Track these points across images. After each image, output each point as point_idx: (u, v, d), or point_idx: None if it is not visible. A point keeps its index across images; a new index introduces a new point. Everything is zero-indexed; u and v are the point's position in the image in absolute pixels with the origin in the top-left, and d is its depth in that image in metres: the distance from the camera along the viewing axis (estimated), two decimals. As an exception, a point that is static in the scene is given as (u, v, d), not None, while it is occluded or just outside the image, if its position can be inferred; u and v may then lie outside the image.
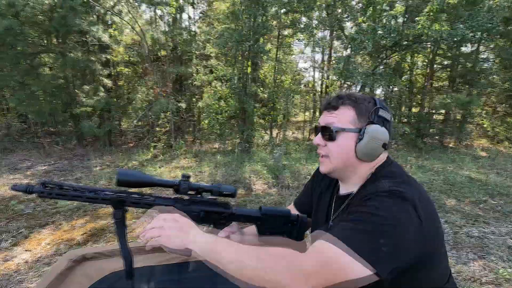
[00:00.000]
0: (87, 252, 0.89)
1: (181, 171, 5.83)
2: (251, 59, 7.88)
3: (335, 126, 0.79)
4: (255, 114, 8.43)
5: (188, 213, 0.85)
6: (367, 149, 0.76)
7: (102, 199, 0.78)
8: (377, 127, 0.76)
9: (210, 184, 0.86)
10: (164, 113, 8.35)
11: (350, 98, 0.80)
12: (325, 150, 0.82)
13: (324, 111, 0.84)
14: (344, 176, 0.84)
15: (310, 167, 6.00)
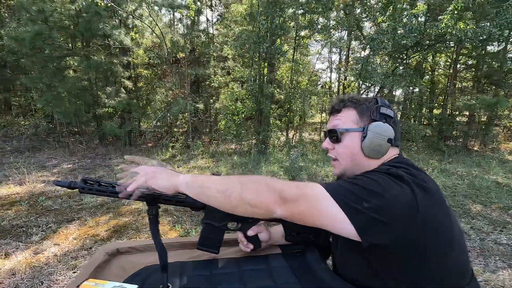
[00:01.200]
0: (121, 246, 0.93)
1: (199, 171, 5.92)
2: (268, 60, 7.89)
3: (340, 128, 0.83)
4: (272, 115, 8.44)
5: (217, 211, 0.87)
6: (372, 145, 0.78)
7: (137, 195, 0.81)
8: (379, 123, 0.79)
9: None
10: (182, 114, 8.51)
11: (351, 100, 0.85)
12: (334, 153, 0.86)
13: (330, 116, 0.89)
14: (351, 175, 0.83)
15: (328, 169, 5.93)
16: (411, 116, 10.06)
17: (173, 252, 0.91)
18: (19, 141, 8.24)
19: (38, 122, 9.41)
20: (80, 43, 8.17)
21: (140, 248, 0.94)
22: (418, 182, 0.67)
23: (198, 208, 0.87)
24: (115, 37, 7.66)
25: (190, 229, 3.08)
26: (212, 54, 8.92)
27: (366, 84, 8.64)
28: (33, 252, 2.59)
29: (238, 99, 8.56)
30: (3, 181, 4.71)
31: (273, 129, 8.64)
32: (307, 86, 9.13)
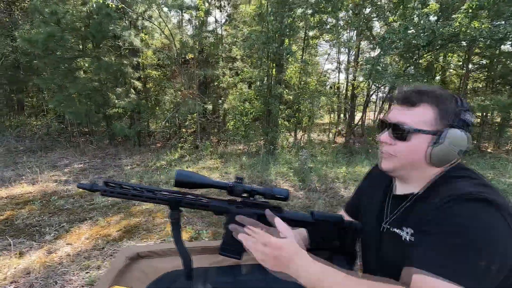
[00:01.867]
0: (141, 250, 0.91)
1: (208, 171, 5.92)
2: (277, 61, 7.86)
3: (410, 127, 0.72)
4: (280, 116, 8.40)
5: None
6: (442, 155, 0.70)
7: (159, 199, 0.79)
8: (458, 132, 0.70)
9: (263, 187, 0.85)
10: (191, 114, 8.53)
11: (432, 94, 0.72)
12: (392, 149, 0.76)
13: (397, 106, 0.77)
14: (406, 176, 0.78)
15: (338, 171, 5.87)
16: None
17: (194, 257, 0.88)
18: (31, 141, 8.39)
19: (50, 122, 9.57)
20: (91, 45, 8.28)
21: (161, 252, 0.92)
22: (503, 201, 0.62)
23: (222, 212, 0.85)
24: (125, 38, 7.73)
25: (201, 230, 3.06)
26: (220, 55, 8.93)
27: (376, 85, 8.53)
28: (47, 251, 2.61)
29: (247, 100, 8.55)
30: (17, 180, 4.79)
31: (282, 130, 8.60)
32: (316, 87, 9.06)
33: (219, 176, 5.56)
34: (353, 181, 5.18)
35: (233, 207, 0.84)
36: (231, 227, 0.77)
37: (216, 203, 0.83)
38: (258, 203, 0.86)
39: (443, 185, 0.71)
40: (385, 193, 0.88)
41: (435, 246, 0.61)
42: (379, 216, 0.85)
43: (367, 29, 9.06)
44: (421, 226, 0.68)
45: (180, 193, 0.81)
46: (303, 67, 8.70)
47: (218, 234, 2.99)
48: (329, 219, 0.91)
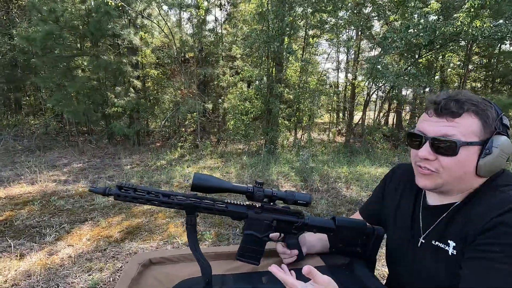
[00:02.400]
0: (154, 257, 0.87)
1: (209, 171, 5.88)
2: (277, 60, 7.82)
3: (459, 140, 0.65)
4: (280, 115, 8.37)
5: (260, 221, 0.81)
6: (492, 166, 0.65)
7: (176, 204, 0.75)
8: (504, 138, 0.65)
9: (284, 192, 0.82)
10: (191, 113, 8.48)
11: (471, 102, 0.66)
12: (435, 165, 0.69)
13: (435, 117, 0.69)
14: (448, 190, 0.73)
15: (339, 170, 5.84)
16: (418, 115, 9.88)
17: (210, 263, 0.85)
18: (29, 140, 8.30)
19: (48, 121, 9.47)
20: (89, 43, 8.20)
21: (174, 258, 0.88)
22: None
23: (240, 218, 0.81)
24: (124, 37, 7.66)
25: (204, 231, 3.02)
26: (220, 53, 8.88)
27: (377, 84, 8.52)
28: (48, 253, 2.57)
29: (247, 99, 8.51)
30: (16, 180, 4.73)
31: (282, 129, 8.57)
32: (317, 86, 9.03)
33: (220, 175, 5.51)
34: (355, 181, 5.16)
35: (252, 212, 0.81)
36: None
37: (235, 208, 0.80)
38: (277, 208, 0.83)
39: (489, 194, 0.67)
40: (415, 203, 0.83)
41: (497, 269, 0.57)
42: (413, 229, 0.81)
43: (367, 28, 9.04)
44: (472, 238, 0.64)
45: (196, 198, 0.78)
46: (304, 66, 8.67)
47: (221, 236, 2.95)
48: (352, 225, 0.87)
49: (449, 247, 0.70)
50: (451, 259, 0.69)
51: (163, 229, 3.11)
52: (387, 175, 0.98)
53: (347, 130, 9.92)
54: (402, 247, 0.83)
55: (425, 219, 0.79)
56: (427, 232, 0.77)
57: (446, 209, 0.74)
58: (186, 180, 5.13)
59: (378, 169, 5.97)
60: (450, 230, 0.71)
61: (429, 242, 0.75)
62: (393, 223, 0.88)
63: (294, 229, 0.85)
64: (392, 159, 6.97)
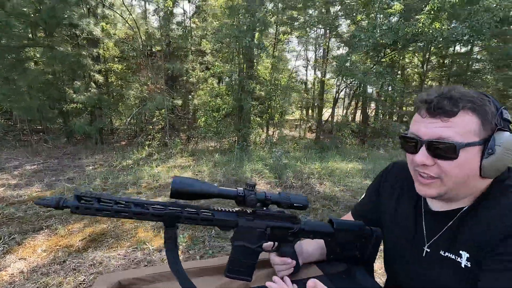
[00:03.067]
0: (124, 278, 0.73)
1: (179, 170, 5.63)
2: (248, 56, 7.71)
3: (456, 142, 0.58)
4: (252, 112, 8.28)
5: (252, 230, 0.70)
6: (497, 165, 0.59)
7: (152, 214, 0.62)
8: (507, 134, 0.59)
9: (278, 194, 0.72)
10: (159, 110, 8.10)
11: (466, 98, 0.60)
12: (435, 170, 0.62)
13: (428, 118, 0.62)
14: (455, 197, 0.66)
15: (312, 166, 5.91)
16: (385, 113, 10.38)
17: (193, 280, 0.72)
18: (-29, 140, 7.38)
19: (-6, 119, 8.51)
20: (43, 33, 7.45)
21: (148, 278, 0.74)
22: None
23: (230, 227, 0.69)
24: (83, 27, 7.06)
25: (180, 235, 2.84)
26: (189, 48, 8.56)
27: (345, 81, 8.76)
28: (-6, 269, 2.24)
29: (218, 95, 8.31)
30: (-46, 186, 4.14)
31: (254, 126, 8.50)
32: (288, 83, 9.07)
33: (192, 175, 5.30)
34: (328, 176, 5.23)
35: (243, 219, 0.70)
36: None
37: (223, 216, 0.68)
38: (271, 213, 0.72)
39: (501, 197, 0.61)
40: (416, 208, 0.77)
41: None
42: (416, 236, 0.74)
43: (335, 27, 9.25)
44: (490, 248, 0.58)
45: (177, 206, 0.65)
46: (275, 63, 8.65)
47: (195, 239, 2.80)
48: (351, 228, 0.79)
49: (462, 259, 0.63)
50: (464, 272, 0.62)
51: (132, 234, 2.88)
52: (381, 174, 0.91)
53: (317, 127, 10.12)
54: (404, 255, 0.76)
55: (429, 226, 0.72)
56: (432, 240, 0.70)
57: (453, 215, 0.67)
58: (155, 180, 4.86)
59: (348, 164, 6.13)
60: (461, 240, 0.64)
61: (436, 252, 0.69)
62: (392, 227, 0.81)
63: (289, 236, 0.75)
64: (360, 154, 7.21)
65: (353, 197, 4.21)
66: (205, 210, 0.67)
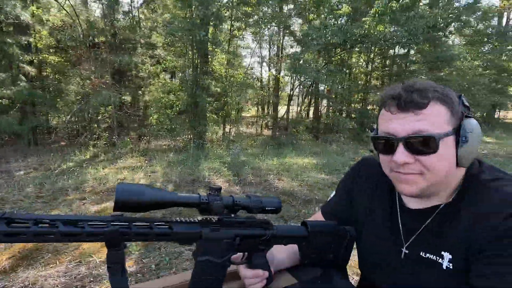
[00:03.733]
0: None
1: (130, 171, 5.21)
2: (203, 51, 7.45)
3: (435, 133, 0.56)
4: (208, 108, 8.05)
5: (218, 241, 0.60)
6: (473, 153, 0.58)
7: (89, 234, 0.48)
8: (472, 121, 0.59)
9: (247, 198, 0.62)
10: (105, 107, 7.42)
11: (434, 89, 0.59)
12: (417, 167, 0.59)
13: (399, 113, 0.59)
14: (435, 193, 0.64)
15: (270, 162, 5.94)
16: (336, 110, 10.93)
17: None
18: None
19: None
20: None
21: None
22: None
23: (192, 240, 0.58)
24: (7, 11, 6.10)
25: (129, 243, 2.59)
26: (138, 40, 7.97)
27: (299, 79, 9.00)
28: None
29: (171, 91, 7.90)
30: None
31: (210, 123, 8.27)
32: (244, 79, 9.01)
33: (144, 176, 4.94)
34: (285, 172, 5.31)
35: (207, 230, 0.59)
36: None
37: (184, 228, 0.56)
38: (240, 220, 0.63)
39: (480, 192, 0.60)
40: (391, 205, 0.74)
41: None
42: (393, 237, 0.71)
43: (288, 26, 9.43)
44: (479, 249, 0.55)
45: (124, 220, 0.52)
46: (230, 59, 8.51)
47: (151, 246, 2.57)
48: (325, 229, 0.74)
49: (443, 260, 0.61)
50: (446, 274, 0.60)
51: (74, 246, 2.54)
52: (351, 171, 0.88)
53: (273, 124, 10.26)
54: (380, 256, 0.73)
55: (405, 225, 0.69)
56: (410, 241, 0.68)
57: (430, 213, 0.65)
58: (102, 183, 4.42)
59: (304, 160, 6.30)
60: (443, 240, 0.62)
61: (416, 253, 0.66)
62: (367, 226, 0.78)
63: (261, 244, 0.66)
64: (315, 150, 7.48)
65: (311, 191, 4.31)
66: (161, 223, 0.55)
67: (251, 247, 0.66)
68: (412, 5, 7.44)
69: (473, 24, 12.07)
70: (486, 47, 13.05)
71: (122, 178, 4.74)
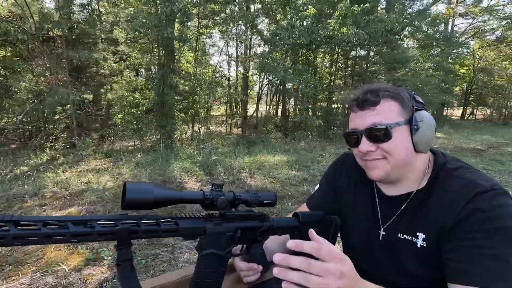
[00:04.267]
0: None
1: (94, 174, 4.93)
2: (169, 48, 7.24)
3: (387, 123, 0.69)
4: (176, 107, 7.85)
5: (221, 235, 0.63)
6: (426, 138, 0.70)
7: (100, 233, 0.49)
8: (424, 112, 0.71)
9: (247, 193, 0.66)
10: (62, 106, 6.91)
11: (385, 89, 0.72)
12: (378, 153, 0.72)
13: (359, 112, 0.73)
14: (400, 176, 0.74)
15: (241, 161, 5.98)
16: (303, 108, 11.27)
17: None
18: None
19: None
20: None
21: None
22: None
23: (197, 235, 0.60)
24: None
25: (101, 248, 2.47)
26: (99, 35, 7.52)
27: (268, 78, 9.14)
28: None
29: (137, 89, 7.59)
30: None
31: (178, 123, 8.08)
32: (213, 78, 8.93)
33: (111, 178, 4.72)
34: (258, 170, 5.38)
35: (211, 224, 0.62)
36: (277, 272, 0.50)
37: (189, 224, 0.59)
38: (241, 214, 0.66)
39: (446, 180, 0.70)
40: (371, 194, 0.83)
41: (483, 257, 0.58)
42: (372, 222, 0.80)
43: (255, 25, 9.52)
44: (449, 230, 0.64)
45: (131, 218, 0.52)
46: (198, 57, 8.37)
47: (124, 249, 2.48)
48: (314, 219, 0.80)
49: (418, 239, 0.70)
50: (420, 251, 0.69)
51: (38, 255, 2.37)
52: (334, 166, 0.96)
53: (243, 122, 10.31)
54: (362, 240, 0.81)
55: (383, 210, 0.79)
56: (387, 224, 0.77)
57: (404, 199, 0.75)
58: (64, 188, 4.14)
59: (275, 157, 6.43)
60: (418, 222, 0.71)
61: (393, 235, 0.75)
62: (352, 215, 0.86)
63: (259, 236, 0.70)
64: (285, 147, 7.66)
65: (283, 187, 4.43)
66: (167, 220, 0.56)
67: (250, 239, 0.69)
68: (372, 10, 7.91)
69: (424, 29, 13.14)
70: (435, 50, 14.29)
71: (86, 182, 4.48)
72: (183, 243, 2.63)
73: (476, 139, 9.98)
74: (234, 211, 0.65)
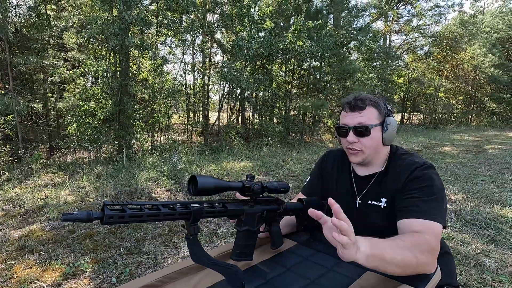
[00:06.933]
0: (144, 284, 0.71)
1: (51, 189, 4.61)
2: (126, 55, 7.06)
3: (369, 124, 0.99)
4: (135, 116, 7.62)
5: (253, 215, 0.82)
6: (391, 136, 1.01)
7: (180, 214, 0.65)
8: (392, 118, 1.02)
9: (269, 182, 0.86)
10: (4, 116, 6.29)
11: (369, 98, 1.03)
12: (358, 145, 1.01)
13: (350, 113, 1.03)
14: (371, 161, 1.04)
15: (208, 168, 6.06)
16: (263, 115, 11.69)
17: (193, 277, 0.78)
18: None
19: None
20: None
21: (173, 276, 0.75)
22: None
23: (238, 215, 0.79)
24: None
25: (77, 262, 2.41)
26: (48, 40, 7.03)
27: (229, 87, 9.36)
28: None
29: (92, 98, 7.21)
30: None
31: (138, 132, 7.84)
32: (173, 86, 8.86)
33: (71, 193, 4.46)
34: (226, 176, 5.52)
35: (247, 207, 0.81)
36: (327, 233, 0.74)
37: (234, 207, 0.77)
38: (266, 199, 0.87)
39: (397, 162, 1.03)
40: (349, 175, 1.13)
41: (419, 201, 0.89)
42: (350, 195, 1.09)
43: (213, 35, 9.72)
44: (399, 191, 0.95)
45: (198, 203, 0.70)
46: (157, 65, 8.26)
47: (104, 261, 2.46)
48: (313, 202, 1.03)
49: (381, 203, 1.00)
50: (384, 211, 1.00)
51: (6, 275, 2.23)
52: (320, 161, 1.25)
53: (205, 130, 10.33)
54: (344, 208, 1.07)
55: (358, 186, 1.09)
56: (361, 195, 1.07)
57: (372, 177, 1.06)
58: (17, 205, 3.83)
59: (241, 163, 6.63)
60: (380, 191, 1.02)
61: (365, 202, 1.05)
62: (335, 192, 1.14)
63: (277, 216, 0.91)
64: (249, 154, 7.91)
65: (252, 191, 4.64)
66: (219, 204, 0.74)
67: (271, 218, 0.90)
68: (323, 25, 8.65)
69: (367, 44, 14.62)
70: (377, 62, 15.95)
71: (43, 197, 4.19)
72: (164, 250, 2.68)
73: (413, 141, 11.35)
74: (261, 197, 0.85)
